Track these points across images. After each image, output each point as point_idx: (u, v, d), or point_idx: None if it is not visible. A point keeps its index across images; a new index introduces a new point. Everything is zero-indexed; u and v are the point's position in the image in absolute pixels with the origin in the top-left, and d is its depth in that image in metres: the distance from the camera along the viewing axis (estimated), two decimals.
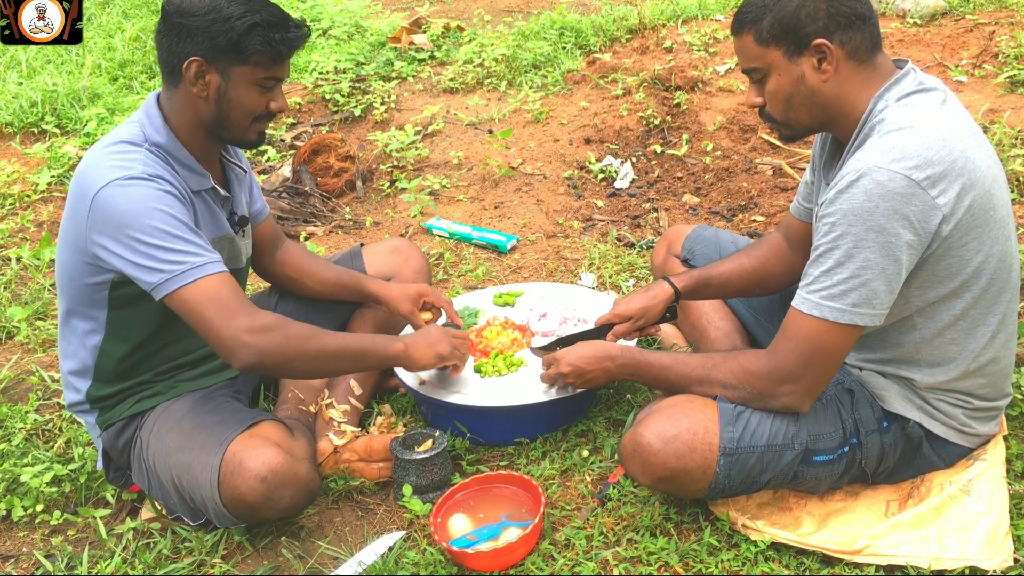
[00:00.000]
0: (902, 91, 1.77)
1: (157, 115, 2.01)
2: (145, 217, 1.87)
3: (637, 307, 2.31)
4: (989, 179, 1.75)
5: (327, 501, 2.23)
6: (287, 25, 1.96)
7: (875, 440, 1.92)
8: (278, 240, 2.48)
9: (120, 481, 2.25)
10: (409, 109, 4.75)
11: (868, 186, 1.66)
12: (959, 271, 1.76)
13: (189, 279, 1.88)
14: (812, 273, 1.76)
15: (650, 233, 3.48)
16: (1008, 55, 4.27)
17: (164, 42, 1.96)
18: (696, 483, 1.88)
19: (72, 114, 4.80)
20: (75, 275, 2.04)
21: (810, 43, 1.76)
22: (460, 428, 2.34)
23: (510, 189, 3.90)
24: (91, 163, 1.96)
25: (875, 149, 1.69)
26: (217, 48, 1.91)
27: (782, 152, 3.98)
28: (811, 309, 1.75)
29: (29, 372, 2.87)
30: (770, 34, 1.78)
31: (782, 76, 1.81)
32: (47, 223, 3.90)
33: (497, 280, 3.22)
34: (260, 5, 1.94)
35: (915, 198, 1.66)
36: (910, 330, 1.85)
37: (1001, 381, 1.94)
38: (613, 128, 4.25)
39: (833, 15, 1.75)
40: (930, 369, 1.88)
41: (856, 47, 1.77)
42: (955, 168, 1.68)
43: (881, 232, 1.67)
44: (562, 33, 5.24)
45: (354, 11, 5.96)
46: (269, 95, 2.01)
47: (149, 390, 2.15)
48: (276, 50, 1.94)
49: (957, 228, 1.71)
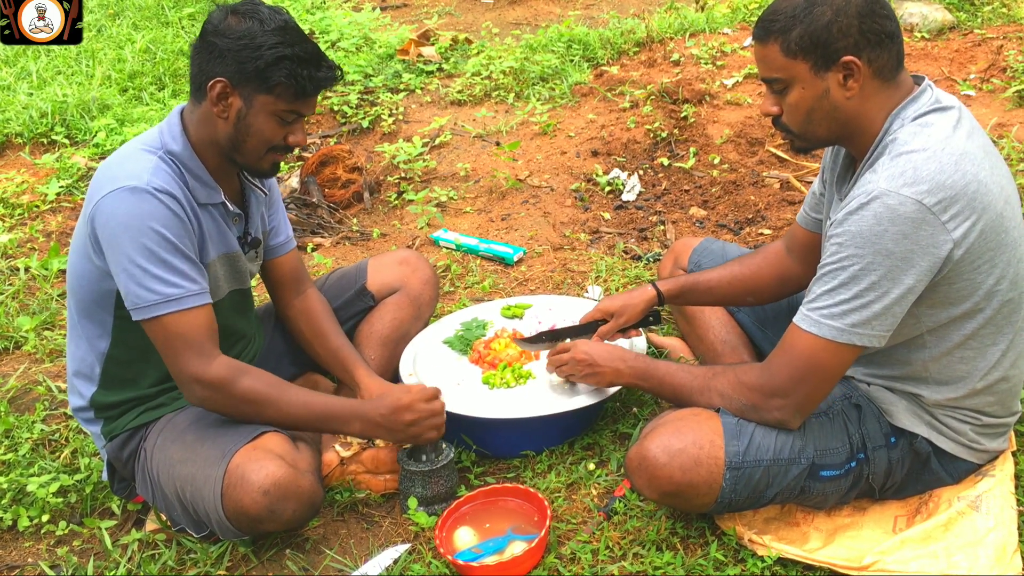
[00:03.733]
0: (918, 110, 1.76)
1: (177, 124, 2.04)
2: (139, 234, 1.89)
3: (618, 304, 2.35)
4: (1001, 202, 1.74)
5: (332, 513, 2.22)
6: (318, 63, 1.97)
7: (882, 455, 1.91)
8: (300, 283, 2.43)
9: (125, 492, 2.25)
10: (417, 121, 4.76)
11: (879, 209, 1.66)
12: (971, 294, 1.76)
13: (161, 311, 1.92)
14: (815, 291, 1.76)
15: (657, 246, 3.47)
16: (1016, 69, 4.27)
17: (196, 59, 1.99)
18: (702, 497, 1.87)
19: (81, 125, 4.82)
20: (84, 279, 2.05)
21: (839, 59, 1.74)
22: (467, 440, 2.33)
23: (517, 201, 3.90)
24: (107, 165, 2.02)
25: (887, 172, 1.68)
26: (243, 73, 1.93)
27: (789, 166, 3.98)
28: (810, 326, 1.75)
29: (36, 382, 2.87)
30: (799, 46, 1.75)
31: (806, 89, 1.78)
32: (56, 233, 3.91)
33: (504, 292, 3.21)
34: (295, 39, 1.95)
35: (925, 224, 1.65)
36: (919, 348, 1.85)
37: (1010, 399, 1.93)
38: (620, 141, 4.25)
39: (864, 32, 1.72)
40: (938, 387, 1.87)
41: (883, 66, 1.76)
42: (967, 193, 1.67)
43: (889, 256, 1.66)
44: (570, 46, 5.25)
45: (363, 23, 5.98)
46: (288, 128, 2.02)
47: (153, 401, 2.15)
48: (301, 85, 1.95)
49: (968, 253, 1.70)
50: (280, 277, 2.41)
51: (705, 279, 2.32)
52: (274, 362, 2.45)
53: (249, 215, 2.22)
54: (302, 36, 1.98)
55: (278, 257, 2.38)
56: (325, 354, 2.39)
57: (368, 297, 2.56)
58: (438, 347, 2.62)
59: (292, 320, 2.43)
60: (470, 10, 6.92)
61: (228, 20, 1.94)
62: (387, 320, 2.53)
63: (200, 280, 1.99)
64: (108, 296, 2.04)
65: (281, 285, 2.42)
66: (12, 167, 4.52)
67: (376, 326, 2.53)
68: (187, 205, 1.99)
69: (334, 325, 2.42)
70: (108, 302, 2.05)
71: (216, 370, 1.97)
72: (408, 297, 2.58)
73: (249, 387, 2.00)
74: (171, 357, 1.97)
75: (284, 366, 2.49)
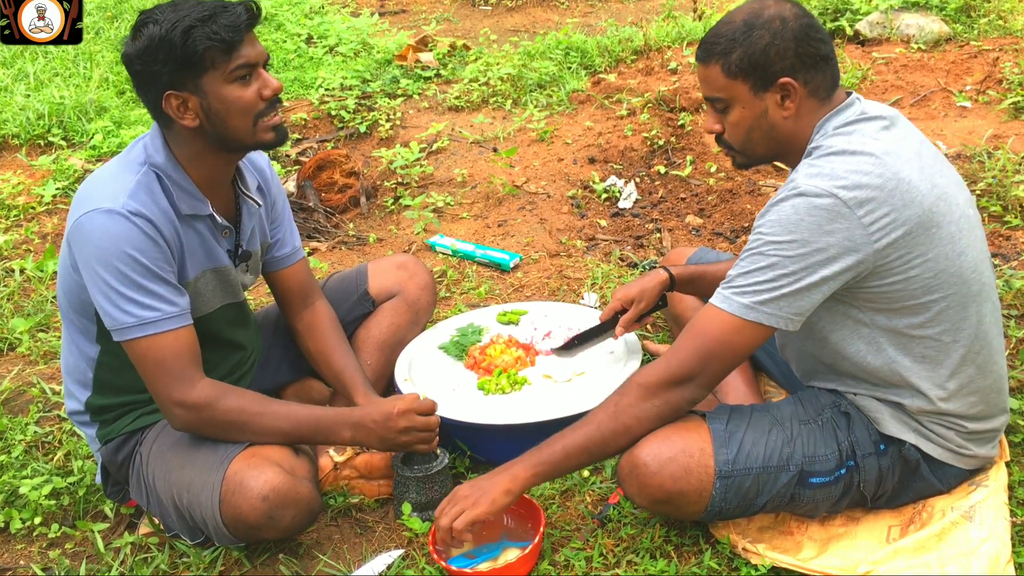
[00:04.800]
0: (842, 120, 1.83)
1: (159, 136, 2.01)
2: (112, 257, 1.88)
3: (636, 290, 2.37)
4: (931, 198, 1.77)
5: (326, 518, 2.22)
6: (223, 11, 1.89)
7: (872, 463, 1.92)
8: (309, 295, 2.39)
9: (118, 496, 2.24)
10: (414, 126, 4.76)
11: (797, 201, 1.74)
12: (909, 291, 1.80)
13: (137, 335, 1.92)
14: (730, 274, 1.82)
15: (653, 253, 3.48)
16: (1012, 82, 4.29)
17: (141, 93, 1.97)
18: (693, 505, 1.88)
19: (79, 127, 4.81)
20: (70, 289, 2.05)
21: (776, 80, 1.82)
22: (461, 446, 2.33)
23: (514, 207, 3.90)
24: (88, 183, 2.00)
25: (807, 171, 1.77)
26: (176, 71, 1.89)
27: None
28: (720, 302, 1.81)
29: (30, 384, 2.86)
30: (739, 68, 1.83)
31: (746, 109, 1.86)
32: (51, 235, 3.91)
33: (500, 298, 3.22)
34: (188, 9, 1.88)
35: (841, 217, 1.71)
36: (879, 353, 1.88)
37: (993, 397, 1.94)
38: (617, 148, 4.26)
39: (800, 55, 1.81)
40: (914, 393, 1.89)
41: (818, 86, 1.84)
42: (885, 189, 1.72)
43: (804, 244, 1.72)
44: (567, 53, 5.26)
45: (361, 29, 5.99)
46: (253, 84, 1.95)
47: (150, 406, 2.14)
48: (223, 38, 1.88)
49: (894, 248, 1.74)
50: (287, 289, 2.37)
51: (713, 270, 2.35)
52: (273, 369, 2.45)
53: (241, 227, 2.18)
54: (195, 1, 1.91)
55: (284, 269, 2.35)
56: (329, 373, 2.35)
57: (369, 302, 2.55)
58: (434, 352, 2.62)
59: (300, 335, 2.39)
60: (468, 16, 6.93)
61: (132, 43, 1.91)
62: (384, 325, 2.52)
63: (179, 302, 1.96)
64: (91, 305, 2.01)
65: (288, 297, 2.39)
66: (8, 168, 4.51)
67: (373, 331, 2.52)
68: (165, 224, 1.95)
69: (340, 343, 2.36)
70: (92, 312, 2.04)
71: (198, 394, 1.95)
72: (406, 302, 2.57)
73: (233, 407, 1.99)
74: (151, 382, 1.96)
75: (283, 372, 2.48)
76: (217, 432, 2.01)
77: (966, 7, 5.13)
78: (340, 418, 2.08)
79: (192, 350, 1.98)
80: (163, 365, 1.93)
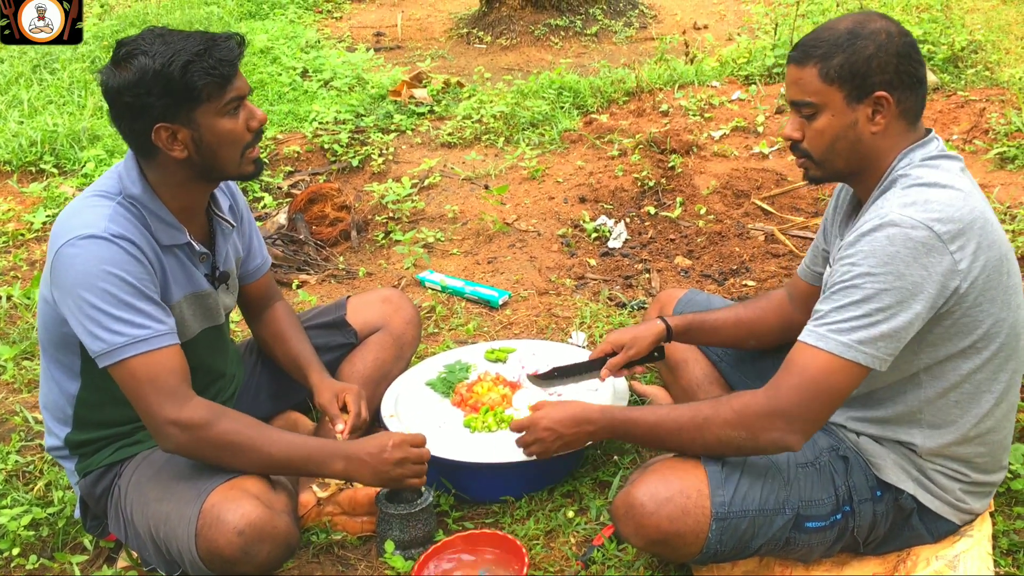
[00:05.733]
0: (927, 153, 1.82)
1: (135, 168, 2.00)
2: (98, 279, 1.87)
3: (628, 336, 2.33)
4: (1005, 244, 1.80)
5: (307, 555, 2.20)
6: (215, 45, 1.91)
7: (868, 509, 1.91)
8: (270, 299, 2.45)
9: (97, 530, 2.21)
10: (407, 162, 4.79)
11: (891, 232, 1.70)
12: (971, 332, 1.78)
13: (129, 353, 1.89)
14: (822, 309, 1.77)
15: (642, 294, 3.49)
16: (998, 132, 4.34)
17: (122, 124, 1.96)
18: (688, 547, 1.86)
19: (71, 155, 4.82)
20: (48, 324, 2.03)
21: (872, 92, 1.79)
22: (446, 484, 2.32)
23: (504, 245, 3.92)
24: (65, 214, 1.98)
25: (899, 200, 1.74)
26: (169, 104, 1.89)
27: (774, 218, 4.02)
28: (816, 341, 1.76)
29: (13, 412, 2.84)
30: (838, 73, 1.79)
31: (835, 117, 1.82)
32: (39, 262, 3.89)
33: (488, 336, 3.22)
34: (180, 43, 1.89)
35: (935, 251, 1.70)
36: (915, 387, 1.86)
37: (999, 453, 1.94)
38: (608, 188, 4.29)
39: (900, 72, 1.79)
40: (931, 431, 1.87)
41: (908, 108, 1.82)
42: (974, 227, 1.72)
43: (900, 278, 1.70)
44: (560, 93, 5.31)
45: (356, 63, 6.03)
46: (242, 117, 1.97)
47: (130, 438, 2.12)
48: (220, 72, 1.90)
49: (972, 287, 1.74)
50: (252, 297, 2.42)
51: (711, 319, 2.33)
52: (250, 399, 2.44)
53: (216, 250, 2.19)
54: (183, 34, 1.92)
55: (254, 281, 2.39)
56: (284, 357, 2.40)
57: (349, 332, 2.55)
58: (421, 388, 2.61)
59: (262, 329, 2.44)
60: (463, 54, 7.00)
61: (118, 75, 1.89)
62: (369, 360, 2.52)
63: (167, 320, 1.95)
64: (72, 340, 2.00)
65: (253, 302, 2.43)
66: None
67: (358, 365, 2.52)
68: (148, 249, 1.96)
69: (297, 331, 2.42)
70: (73, 346, 2.02)
71: (192, 412, 1.92)
72: (391, 336, 2.58)
73: (228, 429, 1.96)
74: (143, 402, 1.92)
75: (262, 402, 2.47)
76: (209, 455, 1.97)
77: (954, 58, 5.21)
78: (334, 450, 2.06)
79: (184, 369, 1.96)
80: (156, 383, 1.90)
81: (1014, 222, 3.61)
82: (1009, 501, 2.20)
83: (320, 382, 2.32)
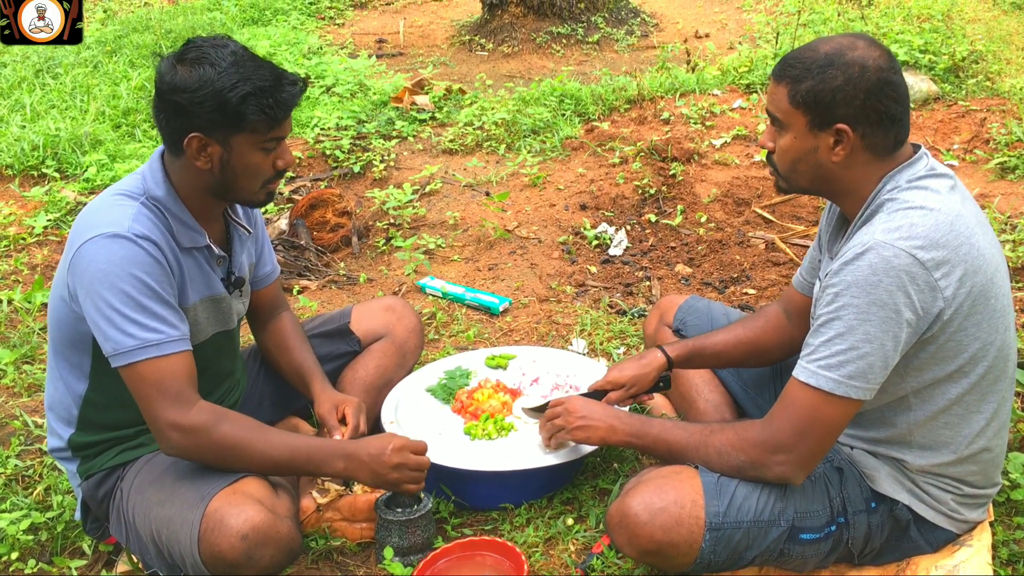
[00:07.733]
0: (914, 174, 1.80)
1: (159, 169, 2.03)
2: (118, 279, 1.88)
3: (629, 375, 2.31)
4: (992, 268, 1.78)
5: (306, 561, 2.20)
6: (281, 86, 1.95)
7: (862, 520, 1.91)
8: (276, 308, 2.47)
9: (98, 532, 2.22)
10: (408, 168, 4.79)
11: (874, 260, 1.69)
12: (957, 355, 1.78)
13: (140, 357, 1.90)
14: (812, 343, 1.78)
15: (642, 301, 3.49)
16: (999, 142, 4.35)
17: (161, 116, 1.97)
18: (682, 557, 1.86)
19: (73, 159, 4.82)
20: (62, 322, 2.04)
21: (833, 124, 1.78)
22: (445, 491, 2.32)
23: (505, 252, 3.92)
24: (88, 211, 2.00)
25: (884, 225, 1.73)
26: (214, 122, 1.91)
27: (775, 227, 4.03)
28: (808, 378, 1.76)
29: (13, 416, 2.84)
30: (803, 99, 1.79)
31: (797, 140, 1.83)
32: (41, 267, 3.90)
33: (488, 342, 3.22)
34: (251, 71, 1.92)
35: (918, 278, 1.69)
36: (905, 411, 1.86)
37: (992, 470, 1.94)
38: (609, 195, 4.29)
39: (866, 108, 1.76)
40: (922, 452, 1.88)
41: (876, 143, 1.80)
42: (959, 253, 1.71)
43: (883, 307, 1.69)
44: (562, 100, 5.32)
45: (358, 70, 6.04)
46: (273, 155, 2.02)
47: (133, 442, 2.13)
48: (272, 114, 1.94)
49: (957, 313, 1.73)
50: (259, 305, 2.42)
51: (712, 343, 2.31)
52: (254, 405, 2.44)
53: (233, 255, 2.21)
54: (256, 62, 1.95)
55: (263, 288, 2.40)
56: (287, 367, 2.41)
57: (353, 340, 2.56)
58: (421, 395, 2.61)
59: (266, 338, 2.45)
60: (465, 61, 7.01)
61: (179, 73, 1.91)
62: (371, 367, 2.52)
63: (180, 326, 1.97)
64: (86, 339, 2.02)
65: (260, 310, 2.44)
66: (1, 199, 4.51)
67: (360, 372, 2.52)
68: (168, 251, 1.98)
69: (301, 342, 2.44)
70: (86, 345, 2.03)
71: (195, 416, 1.93)
72: (394, 344, 2.58)
73: (229, 431, 1.96)
74: (147, 404, 1.93)
75: (265, 408, 2.47)
76: (211, 457, 1.98)
77: (955, 68, 5.22)
78: (334, 449, 2.07)
79: (191, 374, 1.97)
80: (161, 386, 1.91)
81: (1014, 232, 3.61)
82: (1009, 511, 2.20)
83: (321, 392, 2.33)
